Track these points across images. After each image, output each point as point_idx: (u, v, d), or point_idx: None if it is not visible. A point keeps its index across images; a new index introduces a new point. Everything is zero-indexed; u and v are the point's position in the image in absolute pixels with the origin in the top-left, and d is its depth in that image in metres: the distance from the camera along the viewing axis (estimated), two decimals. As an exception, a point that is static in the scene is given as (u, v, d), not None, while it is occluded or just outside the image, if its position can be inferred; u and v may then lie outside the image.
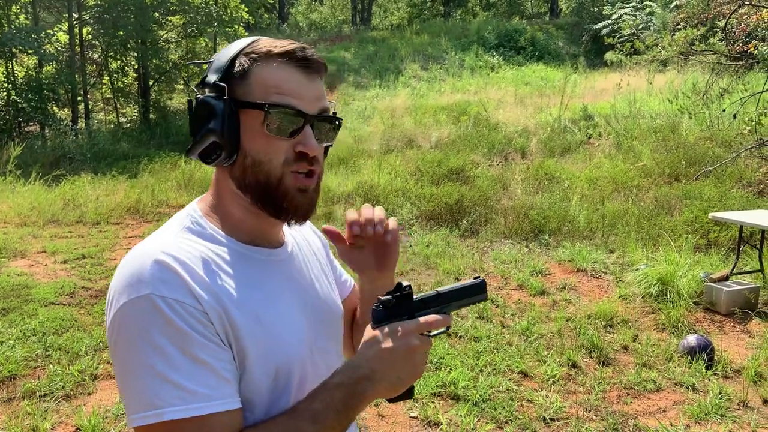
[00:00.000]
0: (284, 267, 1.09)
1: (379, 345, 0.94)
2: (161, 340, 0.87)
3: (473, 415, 3.58)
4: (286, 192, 1.00)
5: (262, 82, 0.98)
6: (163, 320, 0.87)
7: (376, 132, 13.77)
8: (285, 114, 0.97)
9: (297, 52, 0.99)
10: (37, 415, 3.55)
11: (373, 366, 0.94)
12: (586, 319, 5.06)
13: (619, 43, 12.77)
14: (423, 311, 0.99)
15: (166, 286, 0.89)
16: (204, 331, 0.90)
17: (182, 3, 18.97)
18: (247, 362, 0.95)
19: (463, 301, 1.06)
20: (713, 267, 5.93)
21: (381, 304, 0.97)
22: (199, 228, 1.02)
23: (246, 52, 1.00)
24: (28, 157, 12.67)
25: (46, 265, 6.64)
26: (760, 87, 9.17)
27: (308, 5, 39.23)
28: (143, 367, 0.87)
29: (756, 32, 9.01)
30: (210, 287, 0.93)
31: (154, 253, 0.92)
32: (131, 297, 0.89)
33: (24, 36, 15.96)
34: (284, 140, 0.99)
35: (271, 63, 0.98)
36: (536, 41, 24.23)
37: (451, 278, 6.11)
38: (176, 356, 0.87)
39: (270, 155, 0.99)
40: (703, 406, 3.68)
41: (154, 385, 0.86)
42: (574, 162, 10.57)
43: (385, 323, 0.96)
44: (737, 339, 4.75)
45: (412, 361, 0.95)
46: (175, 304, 0.88)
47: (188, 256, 0.94)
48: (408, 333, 0.95)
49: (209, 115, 0.98)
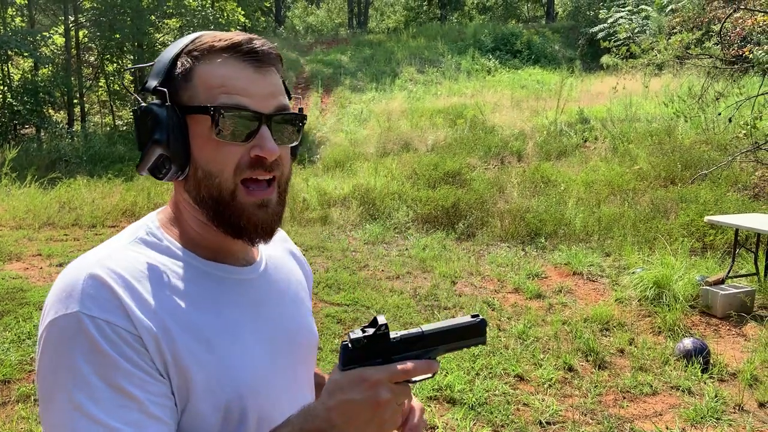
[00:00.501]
0: (251, 287, 0.97)
1: (342, 394, 0.80)
2: (84, 366, 0.77)
3: (469, 419, 3.57)
4: (242, 209, 0.88)
5: (206, 82, 0.87)
6: (89, 343, 0.77)
7: (372, 135, 13.77)
8: (236, 116, 0.86)
9: (243, 45, 0.87)
10: (32, 419, 3.53)
11: (332, 418, 0.80)
12: (582, 322, 5.06)
13: (615, 46, 12.79)
14: (402, 353, 0.83)
15: (96, 305, 0.79)
16: (135, 358, 0.79)
17: (179, 6, 18.97)
18: (191, 393, 0.84)
19: (453, 344, 0.87)
20: (709, 270, 5.94)
21: (351, 343, 0.82)
22: (153, 239, 0.92)
23: (188, 51, 0.89)
24: (23, 160, 12.64)
25: (41, 268, 6.61)
26: (755, 91, 9.20)
27: (305, 8, 39.26)
28: (62, 395, 0.77)
29: (751, 36, 9.05)
30: (151, 307, 0.82)
31: (90, 266, 0.83)
32: (59, 314, 0.79)
33: (20, 38, 15.93)
34: (237, 145, 0.87)
35: (215, 59, 0.87)
36: (532, 45, 24.28)
37: (448, 281, 6.11)
38: (98, 386, 0.77)
39: (221, 165, 0.87)
40: (699, 410, 3.68)
41: (71, 417, 0.76)
42: (570, 165, 10.59)
43: (354, 366, 0.81)
44: (733, 342, 4.76)
45: (380, 418, 0.80)
46: (104, 325, 0.78)
47: (131, 271, 0.84)
48: (377, 384, 0.79)
49: (153, 125, 0.87)
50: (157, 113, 0.86)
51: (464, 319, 0.87)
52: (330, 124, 16.16)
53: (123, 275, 0.83)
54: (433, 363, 0.84)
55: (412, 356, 0.83)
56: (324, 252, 7.21)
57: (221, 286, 0.92)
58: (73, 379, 0.77)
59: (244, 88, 0.87)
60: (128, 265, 0.85)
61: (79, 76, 18.33)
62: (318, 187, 9.75)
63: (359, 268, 6.67)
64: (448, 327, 0.86)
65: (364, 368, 0.81)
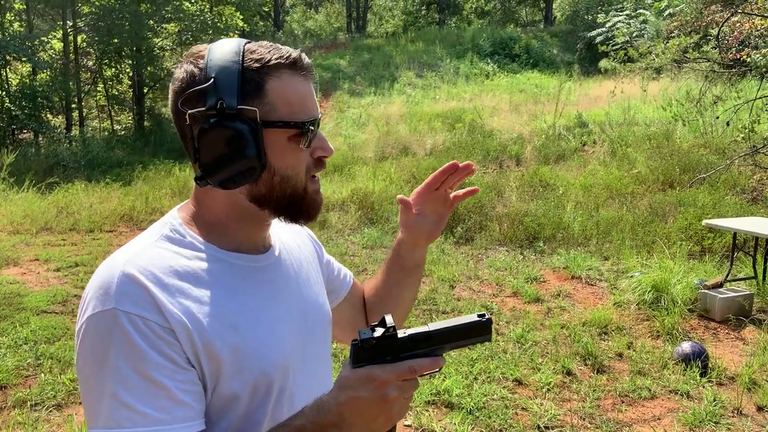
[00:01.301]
0: (269, 272, 1.05)
1: (352, 391, 0.86)
2: (118, 358, 0.85)
3: (467, 424, 3.56)
4: (311, 199, 1.02)
5: (284, 99, 0.96)
6: (123, 337, 0.85)
7: (370, 139, 13.78)
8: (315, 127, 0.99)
9: (299, 62, 0.99)
10: (28, 424, 3.52)
11: (343, 413, 0.86)
12: (580, 326, 5.06)
13: (613, 50, 12.81)
14: (410, 351, 0.88)
15: (130, 301, 0.87)
16: (166, 350, 0.87)
17: (177, 11, 19.01)
18: (222, 374, 0.92)
19: (460, 342, 0.91)
20: (707, 274, 5.93)
21: (361, 343, 0.86)
22: (178, 236, 0.99)
23: (254, 68, 0.94)
24: (21, 165, 12.63)
25: (38, 273, 6.60)
26: (753, 94, 9.21)
27: (303, 13, 39.34)
28: (99, 385, 0.86)
29: (749, 40, 9.06)
30: (181, 300, 0.90)
31: (123, 265, 0.90)
32: (96, 310, 0.87)
33: (18, 43, 15.96)
34: (305, 151, 0.99)
35: (282, 75, 0.96)
36: (531, 49, 24.34)
37: (446, 286, 6.10)
38: (131, 376, 0.85)
39: (297, 169, 0.99)
40: (697, 414, 3.67)
41: (107, 404, 0.85)
42: (569, 169, 10.60)
43: (364, 364, 0.86)
44: (731, 346, 4.75)
45: (388, 413, 0.88)
46: (138, 320, 0.86)
47: (161, 267, 0.92)
48: (385, 383, 0.86)
49: (236, 141, 0.92)
50: (242, 130, 0.92)
51: (471, 317, 0.91)
52: (329, 128, 16.17)
53: (154, 272, 0.91)
54: (440, 359, 0.90)
55: (419, 354, 0.88)
56: (322, 256, 7.20)
57: (243, 273, 1.01)
58: (108, 370, 0.85)
59: (310, 101, 0.99)
60: (157, 262, 0.93)
61: (78, 81, 18.34)
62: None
63: (357, 273, 6.66)
64: (455, 326, 0.90)
65: (372, 367, 0.86)
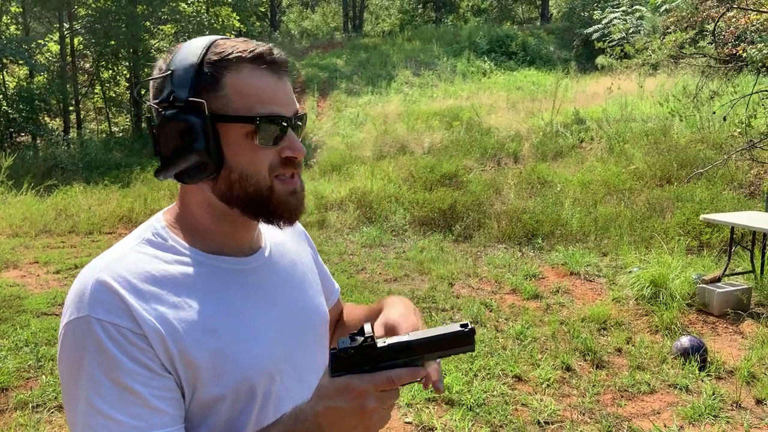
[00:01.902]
0: (256, 275, 1.03)
1: (329, 401, 0.83)
2: (92, 366, 0.85)
3: (468, 420, 3.58)
4: (279, 199, 0.97)
5: (239, 92, 0.92)
6: (96, 345, 0.85)
7: (368, 138, 13.79)
8: (273, 124, 0.93)
9: (266, 55, 0.94)
10: (30, 426, 3.53)
11: (321, 423, 0.84)
12: (579, 322, 5.07)
13: (610, 47, 12.82)
14: (390, 361, 0.84)
15: (103, 308, 0.86)
16: (139, 357, 0.86)
17: (174, 12, 19.00)
18: (199, 381, 0.90)
19: (441, 353, 0.87)
20: (705, 268, 5.95)
21: (339, 352, 0.83)
22: (159, 240, 0.97)
23: (212, 61, 0.93)
24: (19, 168, 12.63)
25: (38, 275, 6.61)
26: (749, 89, 9.23)
27: (300, 13, 39.32)
28: (75, 391, 0.86)
29: (745, 35, 9.07)
30: (155, 306, 0.89)
31: (97, 272, 0.89)
32: (72, 317, 0.87)
33: (15, 46, 15.95)
34: (269, 149, 0.95)
35: (242, 69, 0.93)
36: (527, 46, 24.33)
37: (445, 283, 6.12)
38: (104, 384, 0.84)
39: (257, 166, 0.94)
40: (696, 407, 3.69)
41: (83, 411, 0.85)
42: (567, 166, 10.61)
43: (343, 373, 0.83)
44: (730, 340, 4.77)
45: (367, 423, 0.84)
46: (110, 327, 0.85)
47: (136, 273, 0.90)
48: (363, 394, 0.82)
49: (187, 134, 0.91)
50: (193, 122, 0.91)
51: (453, 327, 0.87)
52: (326, 127, 16.18)
53: (128, 278, 0.89)
54: (419, 370, 0.86)
55: (399, 364, 0.84)
56: (321, 256, 7.18)
57: (227, 277, 0.99)
58: (83, 376, 0.85)
59: (273, 97, 0.94)
60: (133, 267, 0.91)
61: (75, 83, 18.33)
62: (315, 190, 9.76)
63: (357, 272, 6.67)
64: (436, 336, 0.86)
65: (350, 377, 0.83)
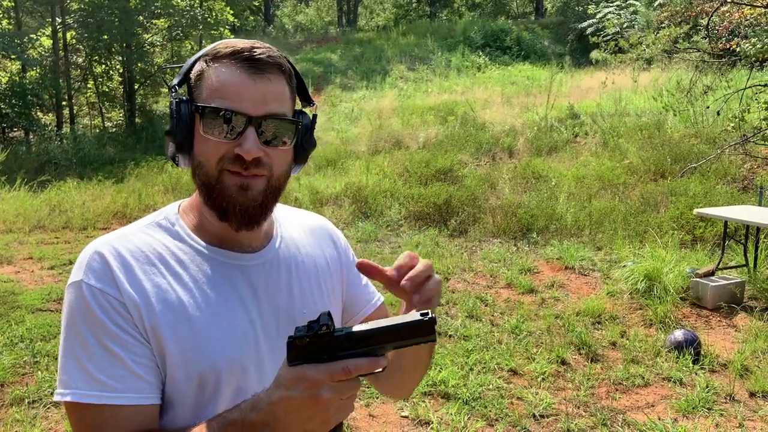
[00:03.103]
0: (251, 273, 1.04)
1: (285, 390, 0.81)
2: (82, 326, 0.93)
3: (464, 414, 3.59)
4: (224, 190, 0.97)
5: (209, 85, 0.97)
6: (85, 307, 0.93)
7: (363, 133, 13.77)
8: (218, 116, 0.94)
9: (244, 52, 0.96)
10: (26, 421, 3.53)
11: (275, 412, 0.82)
12: (574, 316, 5.10)
13: (604, 41, 12.85)
14: (348, 350, 0.81)
15: (94, 275, 0.95)
16: (120, 322, 0.93)
17: (167, 6, 18.88)
18: (167, 362, 0.95)
19: (401, 342, 0.84)
20: (699, 262, 5.99)
21: (294, 341, 0.81)
22: (167, 224, 1.04)
23: (204, 55, 1.00)
24: (12, 163, 12.56)
25: (32, 271, 6.59)
26: (743, 84, 9.27)
27: (294, 7, 39.17)
28: (67, 348, 0.94)
29: (738, 30, 9.10)
30: (140, 282, 0.96)
31: (99, 245, 0.98)
32: (71, 280, 0.96)
33: (7, 41, 15.82)
34: (224, 142, 0.95)
35: (220, 65, 0.97)
36: (522, 41, 24.32)
37: (441, 278, 6.12)
38: (91, 343, 0.92)
39: (207, 156, 0.97)
40: (690, 400, 3.72)
41: (70, 366, 0.92)
42: (561, 160, 10.63)
43: (299, 362, 0.81)
44: (723, 333, 4.81)
45: (323, 414, 0.82)
46: (98, 293, 0.93)
47: (132, 250, 0.98)
48: (317, 383, 0.79)
49: (170, 118, 0.99)
50: (172, 107, 0.98)
51: (413, 316, 0.84)
52: (321, 122, 16.11)
53: (122, 254, 0.97)
54: (379, 360, 0.82)
55: (358, 354, 0.82)
56: (317, 250, 7.20)
57: (220, 270, 1.02)
58: (74, 335, 0.93)
59: (235, 92, 0.95)
60: (131, 245, 0.99)
61: (68, 78, 18.21)
62: (310, 185, 9.75)
63: (352, 266, 6.67)
64: (395, 325, 0.83)
65: (305, 366, 0.81)
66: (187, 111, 0.98)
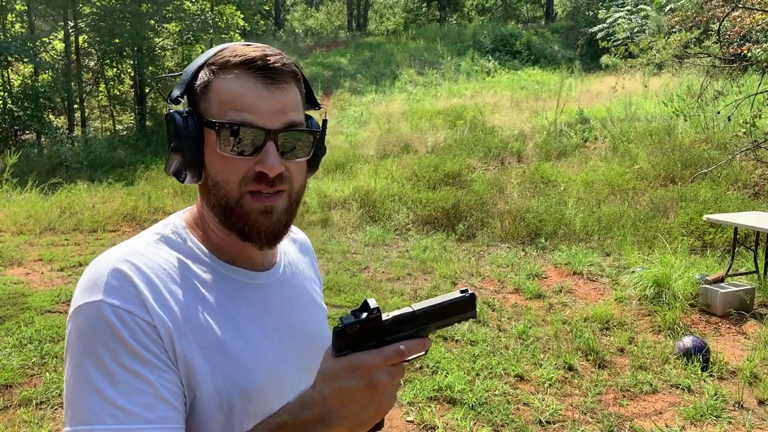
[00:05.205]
0: (266, 292, 1.01)
1: (338, 381, 0.80)
2: (103, 351, 0.83)
3: (469, 419, 3.58)
4: (246, 215, 0.92)
5: (219, 97, 0.90)
6: (109, 330, 0.83)
7: (372, 137, 13.79)
8: (239, 132, 0.88)
9: (257, 61, 0.90)
10: (34, 422, 3.55)
11: (330, 405, 0.81)
12: (582, 321, 5.07)
13: (614, 46, 12.80)
14: (395, 334, 0.82)
15: (118, 295, 0.85)
16: (151, 346, 0.85)
17: (178, 10, 19.02)
18: (198, 387, 0.89)
19: (445, 321, 0.86)
20: (709, 269, 5.94)
21: (343, 329, 0.80)
22: (178, 239, 0.97)
23: (209, 63, 0.93)
24: (24, 166, 12.67)
25: (42, 273, 6.63)
26: (754, 89, 9.21)
27: (304, 11, 39.33)
28: (83, 378, 0.83)
29: (750, 35, 9.05)
30: (168, 303, 0.88)
31: (115, 261, 0.88)
32: (84, 301, 0.86)
33: (19, 44, 16.00)
34: (244, 159, 0.90)
35: (229, 74, 0.90)
36: (532, 45, 24.31)
37: (448, 282, 6.12)
38: (116, 371, 0.82)
39: (227, 176, 0.91)
40: (698, 408, 3.69)
41: (90, 398, 0.82)
42: (570, 165, 10.60)
43: (347, 351, 0.81)
44: (733, 340, 4.77)
45: (378, 401, 0.81)
46: (124, 314, 0.84)
47: (153, 268, 0.90)
48: (373, 369, 0.79)
49: (174, 133, 0.91)
50: (177, 122, 0.91)
51: (454, 295, 0.86)
52: (330, 126, 16.17)
53: (144, 271, 0.89)
54: (426, 341, 0.83)
55: (404, 336, 0.82)
56: (324, 254, 7.22)
57: (238, 289, 0.97)
58: (93, 363, 0.83)
59: (252, 104, 0.89)
60: (150, 262, 0.90)
61: (79, 81, 18.37)
62: (318, 189, 9.77)
63: (360, 270, 6.68)
64: (439, 304, 0.84)
65: (358, 354, 0.80)
66: (195, 126, 0.91)
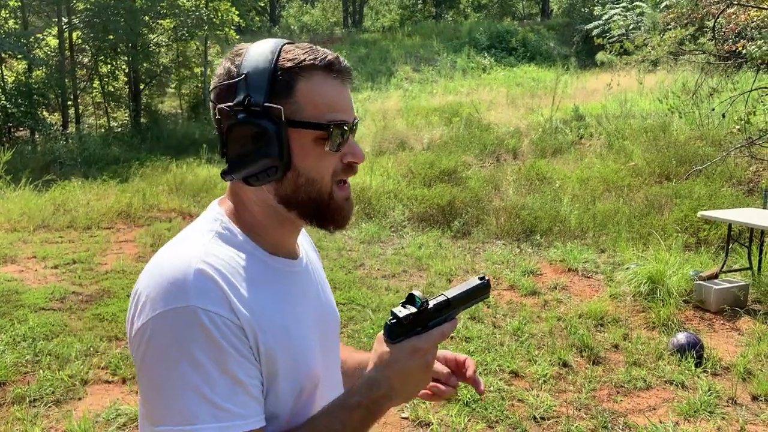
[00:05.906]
0: (300, 278, 1.08)
1: (401, 364, 0.96)
2: (200, 355, 0.85)
3: (464, 415, 3.59)
4: (337, 205, 1.01)
5: (312, 100, 0.95)
6: (204, 335, 0.85)
7: (368, 134, 13.77)
8: (342, 131, 0.97)
9: (335, 64, 0.98)
10: (27, 420, 3.54)
11: (394, 385, 0.96)
12: (576, 318, 5.08)
13: (610, 43, 12.81)
14: (434, 319, 0.99)
15: (209, 299, 0.87)
16: (240, 348, 0.88)
17: (172, 6, 18.96)
18: (277, 376, 0.95)
19: (469, 303, 1.06)
20: (703, 265, 5.96)
21: (397, 320, 0.97)
22: (229, 234, 0.99)
23: (285, 67, 0.95)
24: (18, 163, 12.59)
25: (36, 270, 6.61)
26: (748, 86, 9.22)
27: (299, 7, 39.22)
28: (179, 381, 0.85)
29: (744, 32, 9.06)
30: (246, 301, 0.91)
31: (195, 261, 0.90)
32: (171, 306, 0.86)
33: (13, 40, 15.93)
34: (334, 155, 0.98)
35: (314, 76, 0.96)
36: (528, 42, 24.33)
37: (443, 280, 6.12)
38: (213, 373, 0.85)
39: (322, 172, 0.98)
40: (692, 404, 3.69)
41: (190, 400, 0.84)
42: (566, 162, 10.60)
43: (401, 338, 0.97)
44: (726, 336, 4.78)
45: (427, 376, 1.00)
46: (216, 318, 0.86)
47: (226, 267, 0.92)
48: (427, 350, 0.97)
49: (261, 138, 0.93)
50: (266, 127, 0.93)
51: (474, 281, 1.06)
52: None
53: (222, 271, 0.91)
54: (455, 321, 1.03)
55: (442, 320, 1.00)
56: (320, 251, 7.17)
57: (281, 277, 1.02)
58: (190, 366, 0.85)
59: (341, 105, 0.98)
60: (222, 261, 0.93)
61: (73, 78, 18.29)
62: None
63: (355, 267, 6.68)
64: (465, 291, 1.04)
65: (414, 339, 0.97)
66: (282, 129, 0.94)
